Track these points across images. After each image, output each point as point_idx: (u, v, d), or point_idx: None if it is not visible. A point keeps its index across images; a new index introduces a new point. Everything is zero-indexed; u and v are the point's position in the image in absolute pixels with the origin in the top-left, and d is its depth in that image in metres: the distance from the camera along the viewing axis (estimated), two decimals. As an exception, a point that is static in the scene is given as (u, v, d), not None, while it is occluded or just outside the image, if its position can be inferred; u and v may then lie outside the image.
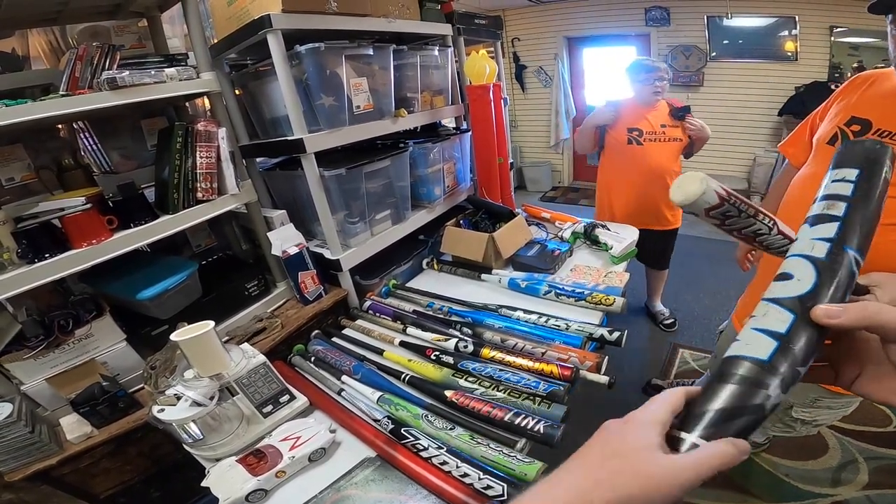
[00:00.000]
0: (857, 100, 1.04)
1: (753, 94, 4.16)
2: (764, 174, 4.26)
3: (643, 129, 2.17)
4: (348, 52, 1.33)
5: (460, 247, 1.65)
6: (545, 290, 1.37)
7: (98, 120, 1.38)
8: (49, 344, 1.06)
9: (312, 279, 1.45)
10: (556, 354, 1.06)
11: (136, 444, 1.10)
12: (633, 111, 2.20)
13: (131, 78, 1.04)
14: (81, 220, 1.03)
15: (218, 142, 1.24)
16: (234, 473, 0.87)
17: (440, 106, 1.82)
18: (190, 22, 1.22)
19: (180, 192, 1.19)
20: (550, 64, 5.10)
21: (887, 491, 1.57)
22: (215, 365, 0.93)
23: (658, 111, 2.18)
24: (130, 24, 1.42)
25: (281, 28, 1.17)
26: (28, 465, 0.95)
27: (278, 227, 1.44)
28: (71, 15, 1.27)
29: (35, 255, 0.98)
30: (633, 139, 2.18)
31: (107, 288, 1.23)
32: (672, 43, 4.38)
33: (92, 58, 1.07)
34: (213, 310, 1.30)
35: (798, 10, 3.72)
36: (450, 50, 1.78)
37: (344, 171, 1.37)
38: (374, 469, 0.89)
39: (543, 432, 0.85)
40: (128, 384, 1.17)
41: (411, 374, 1.10)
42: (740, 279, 1.50)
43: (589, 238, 1.72)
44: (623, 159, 2.25)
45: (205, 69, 1.24)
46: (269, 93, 1.43)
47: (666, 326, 2.71)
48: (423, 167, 1.73)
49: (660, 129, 2.16)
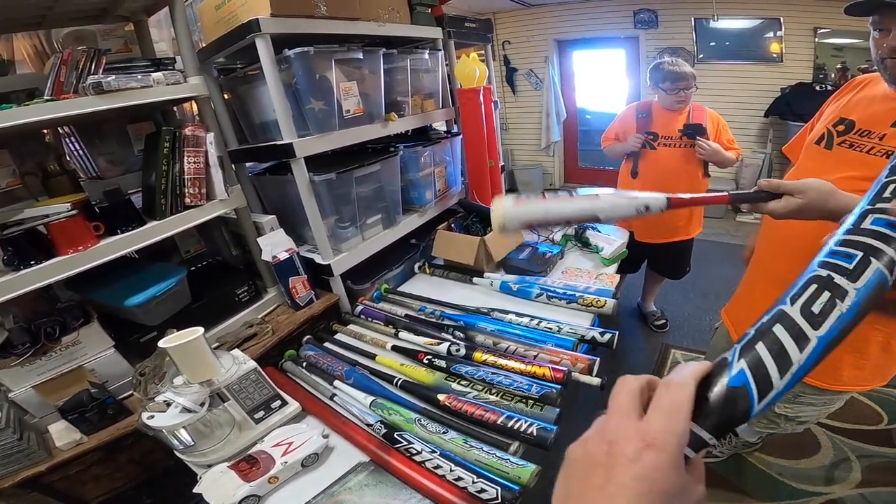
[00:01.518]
0: (848, 102, 1.08)
1: (740, 96, 4.21)
2: (751, 175, 4.31)
3: (659, 132, 2.11)
4: (338, 56, 1.33)
5: (452, 250, 1.65)
6: (537, 292, 1.38)
7: (84, 125, 1.36)
8: (36, 351, 1.05)
9: (303, 284, 1.44)
10: (549, 357, 1.07)
11: (126, 450, 1.09)
12: (657, 115, 2.13)
13: (117, 82, 1.03)
14: (67, 227, 1.02)
15: (206, 146, 1.23)
16: (227, 479, 0.86)
17: (431, 109, 1.82)
18: (177, 26, 1.21)
19: (168, 197, 1.18)
20: (541, 67, 5.13)
21: (881, 489, 1.59)
22: (205, 371, 0.92)
23: (681, 116, 2.10)
24: (117, 27, 1.41)
25: (270, 32, 1.16)
26: (17, 472, 0.95)
27: (268, 232, 1.43)
28: (56, 19, 1.26)
29: (20, 263, 0.96)
30: (647, 143, 2.13)
31: (94, 295, 1.22)
32: (660, 45, 4.43)
33: (77, 62, 1.06)
34: (203, 316, 1.29)
35: (783, 11, 3.77)
36: (440, 53, 1.78)
37: (334, 175, 1.37)
38: (368, 474, 0.89)
39: (537, 435, 0.85)
40: (117, 391, 1.16)
41: (404, 378, 1.10)
42: (730, 279, 1.51)
43: (580, 240, 1.74)
44: (639, 162, 2.19)
45: (192, 73, 1.23)
46: (258, 97, 1.42)
47: (657, 327, 2.73)
48: (414, 171, 1.73)
49: (676, 134, 2.07)
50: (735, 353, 0.36)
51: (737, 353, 0.36)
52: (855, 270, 0.36)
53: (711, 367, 0.36)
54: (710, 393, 0.34)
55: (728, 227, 4.27)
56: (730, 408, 0.34)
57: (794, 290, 0.37)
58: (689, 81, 2.03)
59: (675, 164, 2.13)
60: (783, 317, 0.35)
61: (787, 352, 0.34)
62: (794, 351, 0.34)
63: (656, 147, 2.13)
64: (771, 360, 0.34)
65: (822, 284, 0.36)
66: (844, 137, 1.03)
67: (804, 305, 0.35)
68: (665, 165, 2.13)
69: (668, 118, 2.12)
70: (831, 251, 0.38)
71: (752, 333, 0.36)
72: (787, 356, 0.34)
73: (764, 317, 0.37)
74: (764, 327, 0.36)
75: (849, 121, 1.03)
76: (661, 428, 0.32)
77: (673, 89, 2.03)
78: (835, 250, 0.38)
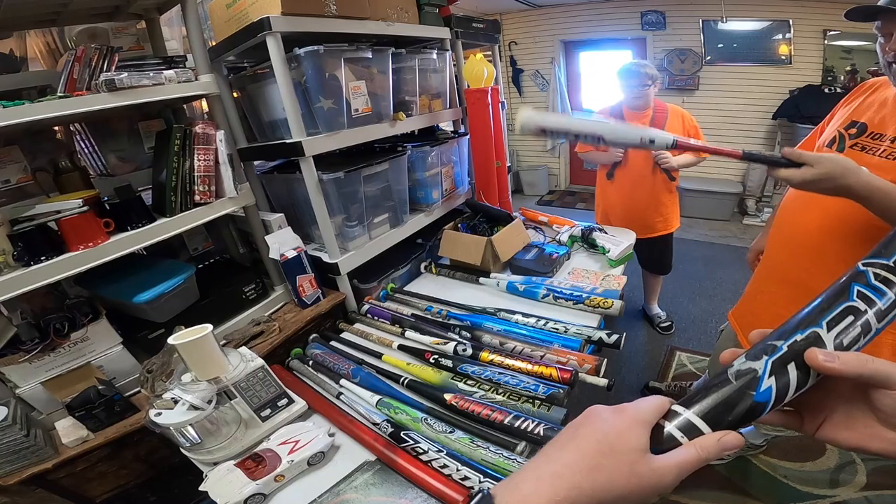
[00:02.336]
0: (859, 105, 1.08)
1: (748, 98, 4.19)
2: (759, 177, 4.28)
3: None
4: (347, 56, 1.33)
5: (458, 250, 1.65)
6: (543, 293, 1.37)
7: (95, 122, 1.37)
8: (44, 347, 1.05)
9: (310, 283, 1.44)
10: (555, 357, 1.07)
11: (132, 447, 1.09)
12: (627, 117, 2.20)
13: (129, 80, 1.04)
14: (78, 223, 1.02)
15: (216, 144, 1.23)
16: (233, 477, 0.86)
17: (438, 109, 1.82)
18: (189, 24, 1.21)
19: (178, 194, 1.18)
20: (547, 68, 5.13)
21: (886, 492, 1.58)
22: (213, 368, 0.92)
23: (643, 119, 2.16)
24: (129, 25, 1.42)
25: (280, 31, 1.17)
26: (23, 468, 0.94)
27: (276, 230, 1.43)
28: (69, 16, 1.27)
29: (31, 258, 0.97)
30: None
31: (103, 291, 1.22)
32: (668, 47, 4.41)
33: (90, 59, 1.07)
34: (211, 313, 1.30)
35: (792, 13, 3.75)
36: (448, 53, 1.78)
37: (342, 174, 1.37)
38: (374, 473, 0.89)
39: (543, 435, 0.85)
40: (124, 388, 1.16)
41: (410, 377, 1.10)
42: (736, 282, 1.51)
43: (586, 241, 1.73)
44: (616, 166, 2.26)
45: (203, 71, 1.23)
46: (267, 95, 1.43)
47: (663, 329, 2.72)
48: (422, 171, 1.73)
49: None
50: (766, 367, 0.38)
51: (768, 368, 0.38)
52: (886, 310, 0.38)
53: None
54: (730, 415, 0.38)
55: (735, 229, 4.25)
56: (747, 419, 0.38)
57: (831, 314, 0.39)
58: (642, 80, 2.09)
59: (645, 166, 2.19)
60: (818, 340, 0.38)
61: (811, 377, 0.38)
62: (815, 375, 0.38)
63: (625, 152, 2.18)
64: (795, 381, 0.37)
65: (857, 317, 0.38)
66: (856, 140, 1.02)
67: (838, 336, 0.38)
68: (636, 167, 2.20)
69: (634, 119, 2.16)
70: (870, 283, 0.40)
71: (783, 350, 0.38)
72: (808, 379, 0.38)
73: (797, 334, 0.39)
74: (798, 346, 0.38)
75: (860, 123, 1.03)
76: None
77: (626, 86, 2.13)
78: (873, 284, 0.40)
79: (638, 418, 0.39)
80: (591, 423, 0.40)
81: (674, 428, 0.39)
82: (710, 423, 0.38)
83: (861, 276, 0.40)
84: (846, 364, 0.36)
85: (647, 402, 0.41)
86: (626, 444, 0.38)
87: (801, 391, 0.38)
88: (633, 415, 0.40)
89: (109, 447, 1.04)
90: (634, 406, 0.41)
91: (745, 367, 0.39)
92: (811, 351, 0.37)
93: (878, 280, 0.39)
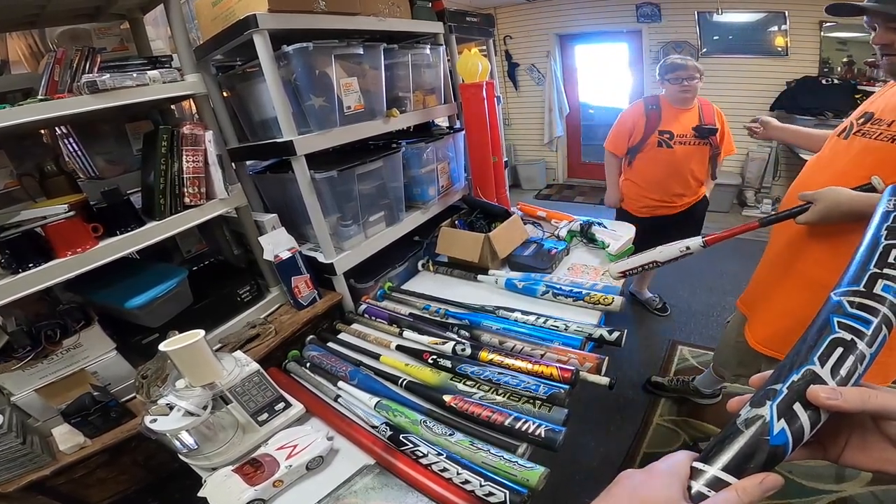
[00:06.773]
0: (878, 98, 1.11)
1: (745, 90, 4.16)
2: (757, 169, 4.27)
3: (674, 131, 2.13)
4: (338, 52, 1.30)
5: (456, 248, 1.63)
6: (543, 290, 1.35)
7: (81, 124, 1.35)
8: (37, 354, 1.04)
9: (306, 284, 1.42)
10: (556, 356, 1.05)
11: (130, 453, 1.08)
12: (667, 112, 2.15)
13: (112, 81, 1.01)
14: (65, 229, 1.00)
15: (205, 145, 1.21)
16: (231, 483, 0.85)
17: (433, 105, 1.80)
18: (172, 23, 1.19)
19: (167, 197, 1.16)
20: (543, 61, 5.09)
21: (892, 486, 1.57)
22: (207, 374, 0.90)
23: (692, 113, 2.14)
24: (112, 26, 1.39)
25: (267, 28, 1.14)
26: (21, 476, 0.94)
27: (270, 231, 1.41)
28: (50, 18, 1.24)
29: (19, 265, 0.95)
30: (663, 142, 2.15)
31: (95, 296, 1.20)
32: (663, 39, 4.38)
33: (71, 61, 1.04)
34: (205, 317, 1.28)
35: (787, 5, 3.72)
36: (441, 48, 1.75)
37: (335, 173, 1.35)
38: (374, 477, 0.87)
39: (545, 436, 0.83)
40: (120, 394, 1.14)
41: (409, 378, 1.09)
42: (737, 274, 1.50)
43: (586, 236, 1.71)
44: (652, 160, 2.21)
45: (189, 71, 1.21)
46: (257, 94, 1.40)
47: (658, 311, 2.71)
48: (417, 167, 1.71)
49: (690, 133, 2.11)
50: (773, 412, 0.39)
51: (774, 412, 0.39)
52: (872, 335, 0.39)
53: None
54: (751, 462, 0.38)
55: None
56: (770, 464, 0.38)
57: (819, 350, 0.40)
58: (691, 72, 2.06)
59: (691, 162, 2.17)
60: (815, 378, 0.39)
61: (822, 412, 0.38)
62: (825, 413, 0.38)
63: (673, 146, 2.14)
64: (807, 420, 0.38)
65: (847, 349, 0.39)
66: (861, 127, 1.07)
67: (833, 368, 0.39)
68: (681, 164, 2.17)
69: (678, 115, 2.14)
70: (848, 312, 0.41)
71: (784, 392, 0.39)
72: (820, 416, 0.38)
73: (793, 374, 0.40)
74: (797, 387, 0.39)
75: (869, 113, 1.06)
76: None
77: (676, 79, 2.07)
78: (852, 313, 0.41)
79: (669, 470, 0.40)
80: (622, 483, 0.42)
81: (702, 486, 0.39)
82: (735, 475, 0.38)
83: (837, 307, 0.42)
84: (849, 401, 0.36)
85: (675, 457, 0.42)
86: (657, 496, 0.39)
87: (817, 427, 0.38)
88: (662, 468, 0.41)
89: (107, 453, 1.03)
90: (663, 461, 0.42)
91: (752, 414, 0.40)
92: (812, 390, 0.37)
93: (855, 308, 0.41)
